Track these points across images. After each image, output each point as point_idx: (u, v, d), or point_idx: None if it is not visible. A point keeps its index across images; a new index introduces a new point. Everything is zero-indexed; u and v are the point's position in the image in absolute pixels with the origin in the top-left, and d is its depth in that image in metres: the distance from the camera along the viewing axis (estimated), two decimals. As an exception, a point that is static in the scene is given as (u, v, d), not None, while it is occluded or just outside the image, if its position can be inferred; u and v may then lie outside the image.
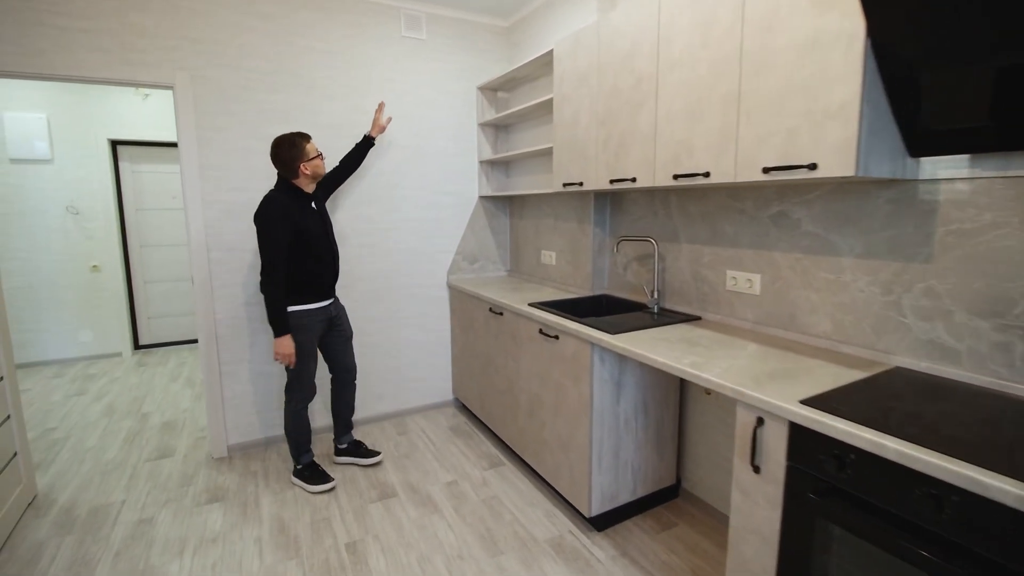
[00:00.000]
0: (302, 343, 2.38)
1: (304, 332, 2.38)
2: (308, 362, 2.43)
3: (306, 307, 2.38)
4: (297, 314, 2.36)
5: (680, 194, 2.23)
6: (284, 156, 2.27)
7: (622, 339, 1.84)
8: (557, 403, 2.21)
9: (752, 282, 1.95)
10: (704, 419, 2.24)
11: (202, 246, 2.63)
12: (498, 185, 3.40)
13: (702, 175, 1.69)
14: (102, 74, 2.34)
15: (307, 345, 2.40)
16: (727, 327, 2.01)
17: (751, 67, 1.52)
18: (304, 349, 2.39)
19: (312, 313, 2.40)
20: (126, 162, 4.67)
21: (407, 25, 2.97)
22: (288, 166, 2.28)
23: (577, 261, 2.79)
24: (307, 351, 2.41)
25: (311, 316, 2.40)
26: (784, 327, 1.86)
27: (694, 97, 1.70)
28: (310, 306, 2.40)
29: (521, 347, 2.47)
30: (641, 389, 2.14)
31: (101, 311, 4.63)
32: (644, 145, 1.92)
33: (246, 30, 2.59)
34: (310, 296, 2.40)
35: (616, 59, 2.03)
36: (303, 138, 2.29)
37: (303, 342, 2.38)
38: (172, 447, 2.93)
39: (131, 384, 4.00)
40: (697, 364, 1.56)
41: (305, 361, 2.41)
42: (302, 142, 2.28)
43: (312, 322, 2.41)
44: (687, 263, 2.23)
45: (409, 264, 3.18)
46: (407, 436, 3.01)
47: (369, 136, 2.72)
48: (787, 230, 1.83)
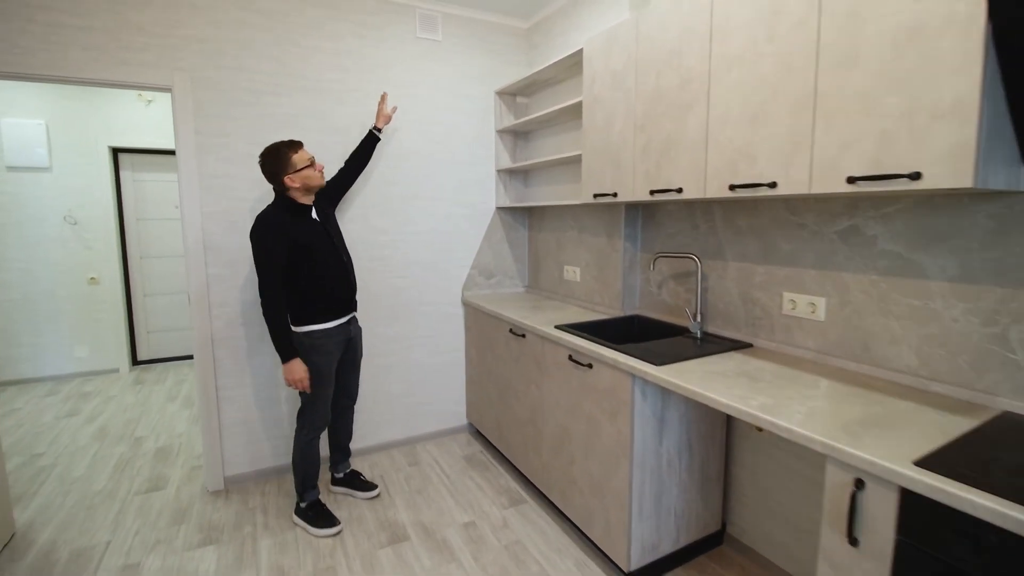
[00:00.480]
0: (318, 366, 2.18)
1: (320, 354, 2.18)
2: (325, 387, 2.23)
3: (321, 327, 2.18)
4: (312, 335, 2.16)
5: (726, 206, 2.01)
6: (269, 168, 2.08)
7: (669, 371, 1.61)
8: (589, 439, 1.98)
9: (815, 306, 1.72)
10: (754, 458, 2.00)
11: (199, 260, 2.42)
12: (516, 195, 3.20)
13: (767, 186, 1.47)
14: (95, 75, 2.16)
15: (324, 368, 2.20)
16: (785, 357, 1.78)
17: (831, 62, 1.30)
18: (320, 373, 2.19)
19: (328, 333, 2.20)
20: (127, 170, 4.51)
21: (422, 25, 2.78)
22: (274, 179, 2.09)
23: (605, 278, 2.57)
24: (324, 375, 2.20)
25: (327, 336, 2.20)
26: (856, 359, 1.63)
27: (756, 98, 1.49)
28: (325, 325, 2.19)
29: (546, 374, 2.24)
30: (685, 424, 1.90)
31: (99, 325, 4.44)
32: (693, 152, 1.71)
33: (250, 28, 2.40)
34: (324, 314, 2.19)
35: (659, 57, 1.82)
36: (289, 147, 2.08)
37: (319, 364, 2.18)
38: (165, 478, 2.71)
39: (126, 404, 3.79)
40: (768, 407, 1.33)
41: (322, 386, 2.21)
42: (288, 152, 2.07)
43: (329, 343, 2.20)
44: (734, 283, 2.01)
45: (422, 279, 2.97)
46: (419, 467, 2.78)
47: (375, 128, 2.52)
48: (860, 248, 1.60)
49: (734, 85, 1.55)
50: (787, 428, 1.22)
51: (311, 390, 2.18)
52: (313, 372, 2.17)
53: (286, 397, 2.67)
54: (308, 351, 2.15)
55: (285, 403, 2.66)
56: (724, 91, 1.58)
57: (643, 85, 1.89)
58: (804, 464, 1.80)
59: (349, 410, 2.49)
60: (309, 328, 2.16)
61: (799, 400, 1.38)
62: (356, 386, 2.48)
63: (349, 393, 2.45)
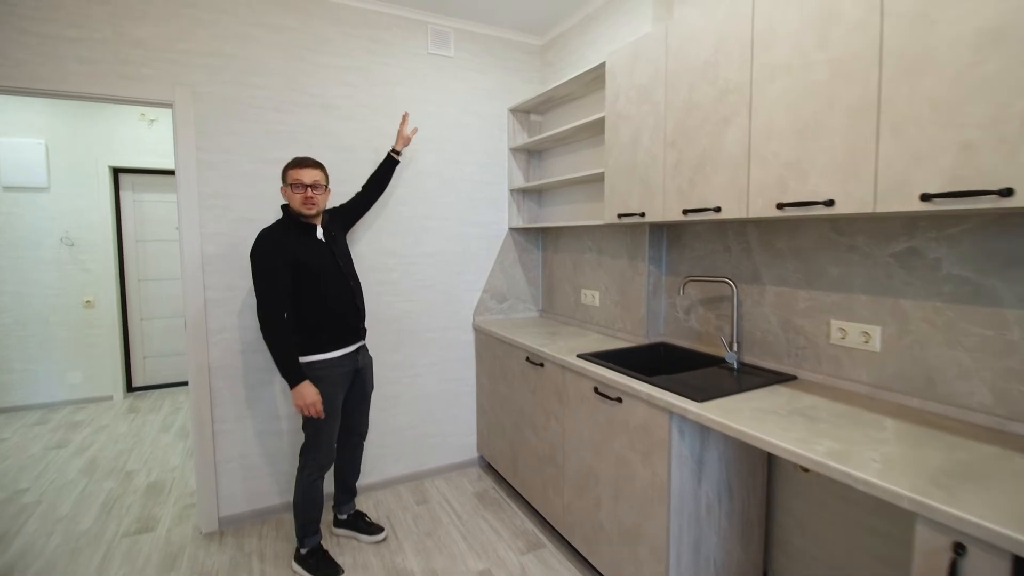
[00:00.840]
0: (323, 399, 2.01)
1: (325, 386, 2.01)
2: (330, 422, 2.06)
3: (325, 356, 2.02)
4: (314, 365, 2.00)
5: (762, 226, 1.87)
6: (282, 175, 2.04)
7: (714, 409, 1.45)
8: (618, 480, 1.81)
9: (869, 336, 1.57)
10: (798, 502, 1.82)
11: (197, 283, 2.28)
12: (530, 216, 3.07)
13: (822, 204, 1.34)
14: (92, 89, 2.05)
15: (328, 403, 2.03)
16: (836, 392, 1.62)
17: (897, 68, 1.18)
18: (325, 407, 2.02)
19: (333, 363, 2.04)
20: (128, 190, 4.40)
21: (434, 41, 2.69)
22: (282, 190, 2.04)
23: (627, 303, 2.42)
24: (328, 410, 2.03)
25: (332, 367, 2.04)
26: (919, 394, 1.47)
27: (807, 109, 1.36)
28: (330, 355, 2.04)
29: (568, 407, 2.08)
30: (724, 465, 1.73)
31: (93, 350, 4.28)
32: (733, 169, 1.58)
33: (255, 43, 2.31)
34: (328, 342, 2.04)
35: (691, 69, 1.70)
36: (293, 163, 2.01)
37: (324, 398, 2.01)
38: (155, 517, 2.52)
39: (118, 434, 3.60)
40: (837, 454, 1.17)
41: (327, 421, 2.04)
42: (288, 166, 2.01)
43: (333, 374, 2.05)
44: (773, 309, 1.86)
45: (432, 303, 2.82)
46: (428, 506, 2.59)
47: (394, 151, 2.41)
48: (921, 272, 1.45)
49: (780, 95, 1.43)
50: (866, 480, 1.06)
51: (311, 425, 2.03)
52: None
53: (288, 431, 2.50)
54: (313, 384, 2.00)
55: (287, 436, 2.49)
56: (768, 102, 1.46)
57: (674, 99, 1.78)
58: (858, 509, 1.63)
59: (359, 447, 2.33)
60: (312, 358, 2.00)
61: (868, 444, 1.22)
62: (366, 421, 2.31)
63: (358, 429, 2.28)
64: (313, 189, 1.99)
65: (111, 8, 2.06)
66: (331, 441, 2.08)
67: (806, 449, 1.18)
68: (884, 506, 1.55)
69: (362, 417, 2.28)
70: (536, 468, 2.35)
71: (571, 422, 2.07)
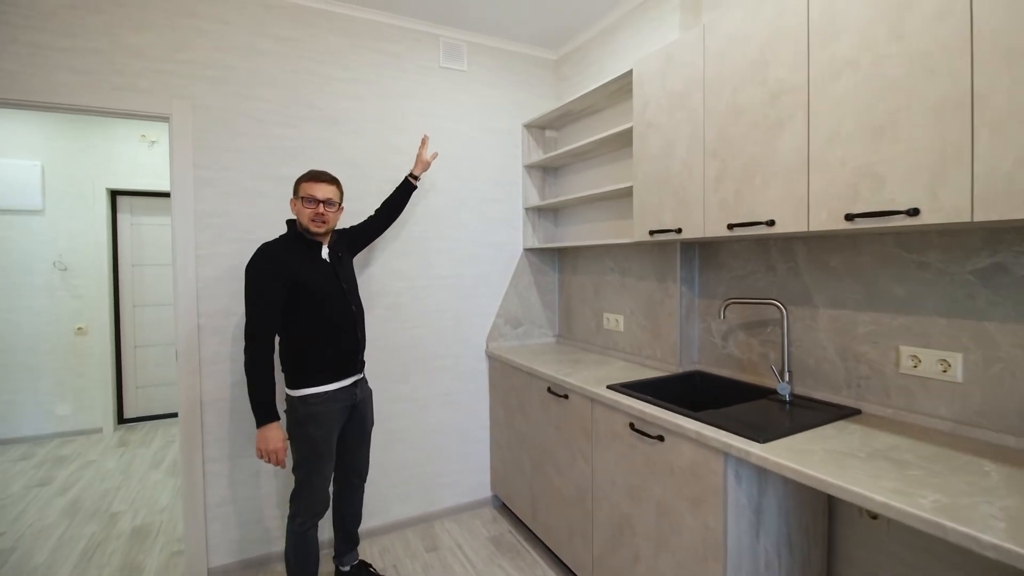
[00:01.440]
0: (315, 439, 1.81)
1: (317, 424, 1.81)
2: (324, 464, 1.85)
3: (320, 389, 1.82)
4: (308, 400, 1.80)
5: (811, 242, 1.70)
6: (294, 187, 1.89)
7: (780, 451, 1.26)
8: (661, 532, 1.59)
9: (949, 364, 1.38)
10: (864, 553, 1.60)
11: (191, 309, 2.10)
12: (546, 236, 2.91)
13: (903, 213, 1.16)
14: (84, 101, 1.91)
15: (321, 442, 1.82)
16: (912, 428, 1.42)
17: (994, 57, 1.02)
18: (318, 447, 1.81)
19: (329, 398, 1.84)
20: (125, 213, 4.27)
21: (446, 55, 2.58)
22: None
23: (657, 328, 2.23)
24: (321, 450, 1.82)
25: (327, 402, 1.83)
26: (1013, 432, 1.27)
27: (881, 108, 1.20)
28: (325, 388, 1.83)
29: (598, 444, 1.87)
30: (784, 515, 1.52)
31: (83, 380, 4.08)
32: (789, 177, 1.41)
33: (259, 55, 2.18)
34: (324, 373, 1.84)
35: (735, 71, 1.56)
36: (305, 176, 1.87)
37: (316, 437, 1.81)
38: (139, 567, 2.29)
39: (105, 471, 3.37)
40: (947, 508, 0.97)
41: (320, 463, 1.83)
42: (300, 180, 1.87)
43: (330, 409, 1.84)
44: (828, 334, 1.67)
45: (443, 329, 2.64)
46: (438, 553, 2.35)
47: (411, 176, 2.26)
48: (1009, 292, 1.27)
49: (845, 95, 1.27)
50: (996, 546, 0.86)
51: (303, 469, 1.81)
52: (307, 447, 1.80)
53: (286, 472, 2.28)
54: (304, 420, 1.79)
55: (286, 478, 2.27)
56: (831, 103, 1.30)
57: (714, 105, 1.63)
58: (937, 563, 1.41)
59: (359, 490, 2.09)
60: (306, 392, 1.80)
61: (978, 495, 1.02)
62: (366, 461, 2.09)
63: (358, 470, 2.06)
64: (326, 206, 1.83)
65: (107, 17, 1.94)
66: (325, 484, 1.87)
67: (910, 505, 0.98)
68: (970, 558, 1.34)
69: (362, 456, 2.06)
70: (560, 512, 2.13)
71: (601, 462, 1.86)
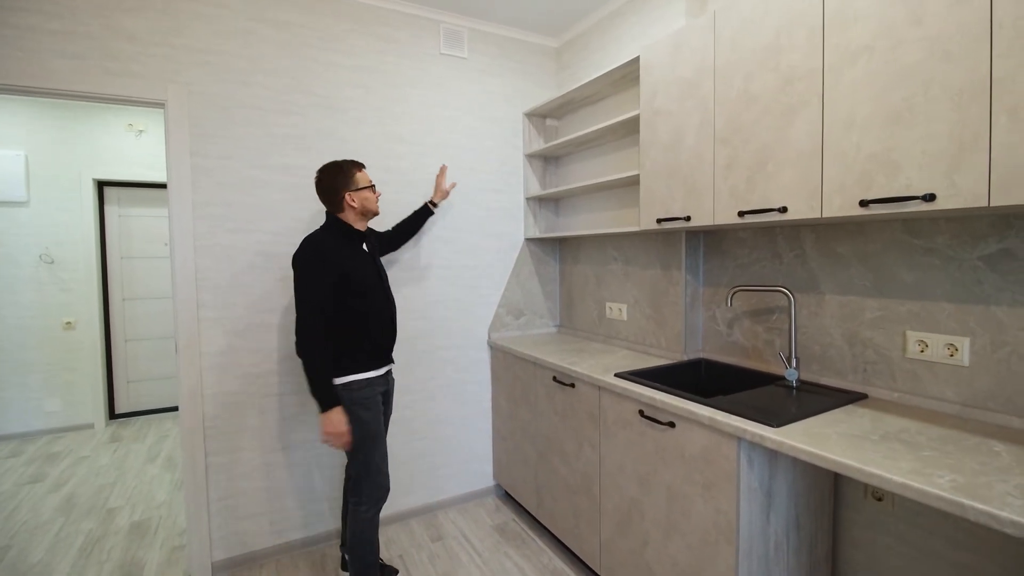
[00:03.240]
0: (367, 423, 1.83)
1: (365, 406, 1.83)
2: (380, 444, 1.88)
3: (365, 376, 1.84)
4: (352, 386, 1.81)
5: (819, 229, 1.72)
6: (327, 183, 1.84)
7: (796, 435, 1.27)
8: (671, 517, 1.61)
9: (956, 349, 1.40)
10: (869, 534, 1.63)
11: (190, 301, 2.07)
12: (547, 225, 2.90)
13: (919, 199, 1.17)
14: (76, 86, 1.85)
15: (373, 423, 1.85)
16: (920, 412, 1.44)
17: (1014, 41, 1.03)
18: (370, 429, 1.84)
19: (373, 383, 1.87)
20: (113, 205, 4.17)
21: (446, 41, 2.54)
22: (331, 196, 1.84)
23: (661, 317, 2.24)
24: (375, 431, 1.85)
25: (372, 386, 1.86)
26: (1019, 413, 1.30)
27: (897, 95, 1.21)
28: (369, 374, 1.85)
29: (606, 432, 1.88)
30: (793, 497, 1.54)
31: (73, 375, 4.00)
32: (802, 164, 1.42)
33: (258, 40, 2.13)
34: (369, 360, 1.87)
35: (747, 57, 1.55)
36: (353, 165, 1.88)
37: (368, 420, 1.83)
38: (140, 562, 2.26)
39: (99, 467, 3.32)
40: (964, 488, 0.99)
41: (376, 447, 1.86)
42: (351, 169, 1.86)
43: (373, 393, 1.86)
44: (834, 320, 1.69)
45: (445, 320, 2.62)
46: (444, 543, 2.35)
47: (430, 203, 2.34)
48: (1016, 276, 1.30)
49: (861, 81, 1.27)
50: (1017, 522, 0.88)
51: (362, 453, 1.83)
52: (361, 430, 1.81)
53: (292, 463, 2.26)
54: (351, 406, 1.80)
55: (289, 469, 2.26)
56: (846, 89, 1.31)
57: (725, 91, 1.62)
58: (943, 542, 1.44)
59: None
60: (352, 378, 1.81)
61: (993, 475, 1.04)
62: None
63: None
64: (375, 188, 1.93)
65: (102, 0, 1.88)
66: (385, 465, 1.90)
67: (929, 485, 1.00)
68: (976, 539, 1.37)
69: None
70: (566, 500, 2.14)
71: (609, 449, 1.87)
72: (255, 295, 2.17)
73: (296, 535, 2.29)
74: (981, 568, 1.37)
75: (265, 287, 2.19)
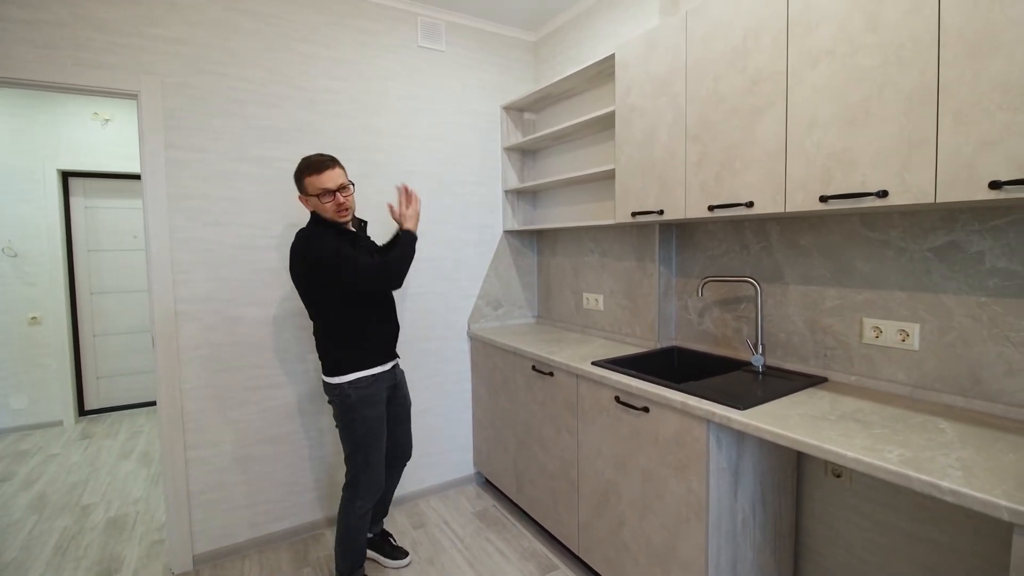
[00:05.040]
0: (369, 420, 1.85)
1: (370, 404, 1.85)
2: (380, 444, 1.90)
3: (369, 372, 1.86)
4: (357, 384, 1.83)
5: (784, 223, 1.81)
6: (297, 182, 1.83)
7: (760, 417, 1.35)
8: (646, 497, 1.69)
9: (907, 334, 1.51)
10: (829, 509, 1.74)
11: (167, 296, 2.05)
12: (525, 218, 2.95)
13: (873, 195, 1.26)
14: (43, 76, 1.81)
15: (376, 422, 1.87)
16: (874, 393, 1.55)
17: (959, 50, 1.11)
18: (373, 428, 1.86)
19: (377, 379, 1.88)
20: (79, 196, 4.05)
21: (424, 34, 2.55)
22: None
23: (636, 307, 2.32)
24: (377, 430, 1.87)
25: (376, 383, 1.88)
26: (964, 393, 1.41)
27: (855, 97, 1.29)
28: (374, 371, 1.87)
29: (584, 419, 1.95)
30: (759, 475, 1.64)
31: (40, 371, 3.89)
32: (768, 161, 1.50)
33: (235, 31, 2.11)
34: (372, 356, 1.88)
35: (717, 58, 1.62)
36: (307, 169, 1.77)
37: (371, 418, 1.85)
38: (119, 557, 2.25)
39: (70, 464, 3.26)
40: (911, 461, 1.08)
41: (376, 445, 1.88)
42: (304, 174, 1.78)
43: (378, 390, 1.88)
44: (797, 309, 1.79)
45: (426, 312, 2.65)
46: (425, 530, 2.40)
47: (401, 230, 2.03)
48: (962, 266, 1.40)
49: (822, 83, 1.35)
50: (955, 491, 0.97)
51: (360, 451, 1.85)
52: (363, 428, 1.85)
53: (273, 455, 2.27)
54: (356, 404, 1.83)
55: (270, 462, 2.27)
56: (808, 91, 1.38)
57: (696, 90, 1.69)
58: (896, 514, 1.56)
59: (401, 467, 2.17)
60: (358, 375, 1.83)
61: (936, 449, 1.14)
62: (410, 440, 2.15)
63: (403, 449, 2.13)
64: (342, 192, 1.79)
65: (69, -14, 1.84)
66: (382, 465, 1.91)
67: (879, 459, 1.09)
68: (926, 511, 1.49)
69: (406, 436, 2.13)
70: (545, 485, 2.21)
71: (587, 435, 1.94)
72: (233, 288, 2.16)
73: (278, 526, 2.31)
74: (929, 536, 1.49)
75: (243, 280, 2.19)
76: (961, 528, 1.42)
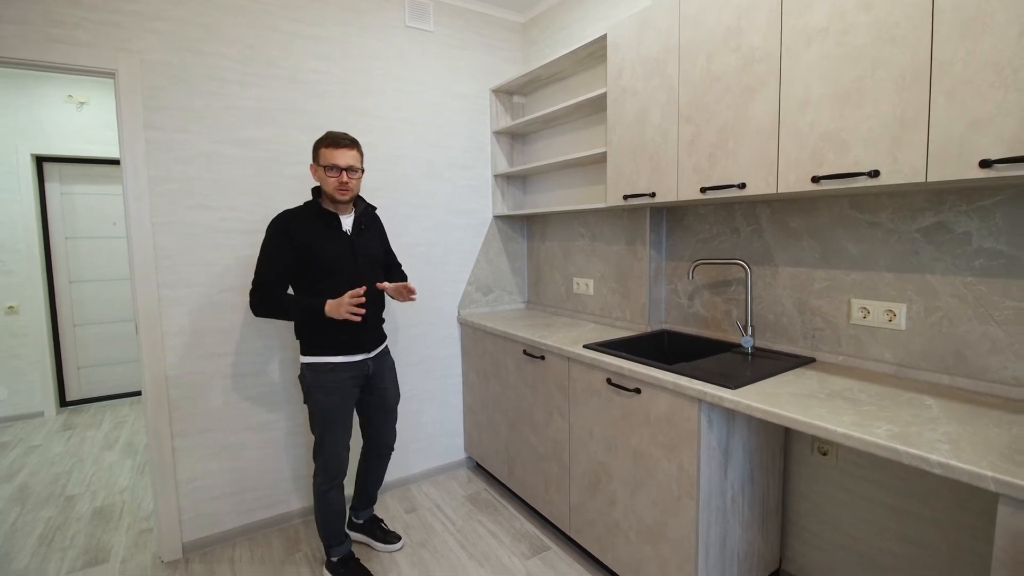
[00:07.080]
0: (323, 407, 1.84)
1: (325, 391, 1.83)
2: (335, 431, 1.87)
3: (325, 360, 1.83)
4: (315, 367, 1.83)
5: (775, 205, 1.82)
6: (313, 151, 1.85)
7: (751, 396, 1.37)
8: (637, 476, 1.70)
9: (895, 314, 1.53)
10: (815, 486, 1.78)
11: (150, 281, 2.00)
12: (515, 203, 2.93)
13: (866, 175, 1.27)
14: (15, 53, 1.74)
15: (330, 410, 1.85)
16: (861, 372, 1.58)
17: (952, 28, 1.11)
18: (327, 414, 1.84)
19: (336, 368, 1.85)
20: (54, 182, 3.93)
21: (412, 13, 2.50)
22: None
23: (627, 291, 2.33)
24: (330, 416, 1.85)
25: (334, 371, 1.84)
26: (948, 371, 1.44)
27: (848, 76, 1.29)
28: (333, 359, 1.84)
29: (575, 401, 1.96)
30: (748, 453, 1.66)
31: (18, 361, 3.80)
32: (760, 142, 1.49)
33: (215, 7, 2.04)
34: (330, 345, 1.84)
35: (710, 38, 1.61)
36: (325, 141, 1.79)
37: (325, 406, 1.84)
38: (106, 547, 2.22)
39: (53, 455, 3.20)
40: (899, 436, 1.10)
41: (331, 430, 1.86)
42: (320, 144, 1.81)
43: (337, 379, 1.85)
44: (787, 291, 1.80)
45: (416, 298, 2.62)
46: (417, 514, 2.41)
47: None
48: (949, 247, 1.42)
49: (815, 62, 1.35)
50: (944, 464, 0.99)
51: (315, 431, 1.87)
52: (318, 412, 1.84)
53: (262, 443, 2.25)
54: (311, 387, 1.83)
55: (260, 449, 2.25)
56: (802, 70, 1.38)
57: (690, 70, 1.68)
58: (880, 490, 1.60)
59: (385, 458, 2.16)
60: (313, 360, 1.83)
61: (924, 424, 1.16)
62: (392, 432, 2.12)
63: (385, 441, 2.11)
64: (349, 173, 1.78)
65: (39, -42, 1.76)
66: (339, 451, 1.89)
67: (868, 434, 1.11)
68: (908, 485, 1.52)
69: (388, 428, 2.10)
70: (536, 467, 2.22)
71: (578, 417, 1.95)
72: (217, 273, 2.12)
73: (268, 513, 2.29)
74: (912, 509, 1.53)
75: (228, 265, 2.14)
76: (945, 501, 1.46)
